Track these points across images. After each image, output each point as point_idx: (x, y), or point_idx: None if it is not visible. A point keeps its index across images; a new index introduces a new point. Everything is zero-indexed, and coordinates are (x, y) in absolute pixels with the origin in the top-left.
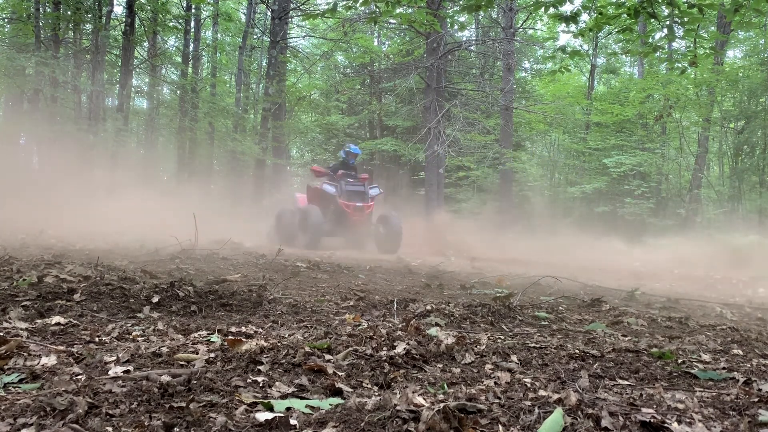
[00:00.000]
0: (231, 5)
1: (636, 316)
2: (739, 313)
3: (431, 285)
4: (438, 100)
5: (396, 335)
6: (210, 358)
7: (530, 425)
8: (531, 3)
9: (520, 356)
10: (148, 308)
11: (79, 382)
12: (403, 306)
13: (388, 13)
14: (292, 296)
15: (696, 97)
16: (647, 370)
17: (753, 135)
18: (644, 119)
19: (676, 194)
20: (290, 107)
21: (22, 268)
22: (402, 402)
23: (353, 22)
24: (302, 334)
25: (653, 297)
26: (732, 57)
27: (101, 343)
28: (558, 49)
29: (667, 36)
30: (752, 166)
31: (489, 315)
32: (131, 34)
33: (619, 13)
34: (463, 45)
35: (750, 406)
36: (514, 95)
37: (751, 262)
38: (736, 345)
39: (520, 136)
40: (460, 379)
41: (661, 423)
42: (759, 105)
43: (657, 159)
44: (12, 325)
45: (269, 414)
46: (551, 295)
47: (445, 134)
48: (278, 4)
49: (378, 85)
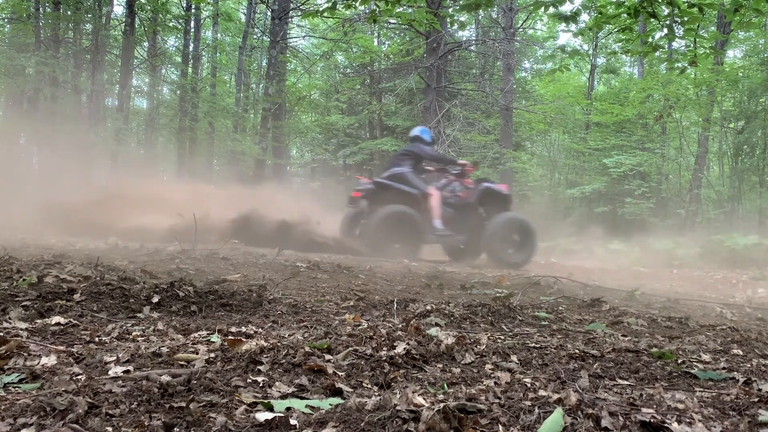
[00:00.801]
0: (231, 5)
1: (636, 316)
2: (739, 313)
3: (431, 285)
4: (438, 100)
5: (396, 335)
6: (210, 358)
7: (530, 425)
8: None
9: (520, 356)
10: (148, 308)
11: (79, 382)
12: (403, 306)
13: (388, 13)
14: (292, 296)
15: (696, 97)
16: (647, 370)
17: (753, 135)
18: (644, 119)
19: (676, 194)
20: (290, 107)
21: (22, 268)
22: (402, 402)
23: (353, 21)
24: (302, 334)
25: (653, 297)
26: (732, 57)
27: (101, 343)
28: (558, 48)
29: (667, 36)
30: (752, 166)
31: (489, 315)
32: (131, 34)
33: (618, 13)
34: (463, 45)
35: (750, 406)
36: (514, 95)
37: (751, 262)
38: (736, 345)
39: (520, 136)
40: (460, 379)
41: (661, 423)
42: (759, 105)
43: (657, 159)
44: (12, 325)
45: (269, 414)
46: (551, 295)
47: (445, 134)
48: (278, 4)
49: (378, 85)
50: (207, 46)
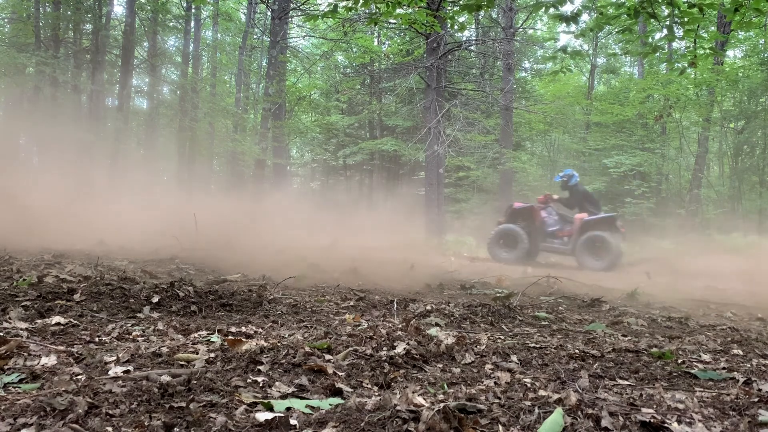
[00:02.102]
0: (231, 5)
1: (636, 316)
2: (739, 313)
3: (431, 285)
4: (438, 100)
5: (396, 335)
6: (210, 358)
7: (530, 425)
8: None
9: (520, 356)
10: (148, 308)
11: (79, 382)
12: (403, 306)
13: (389, 14)
14: (292, 296)
15: (696, 97)
16: (647, 370)
17: (753, 135)
18: (644, 119)
19: (676, 194)
20: (290, 107)
21: (22, 268)
22: (402, 402)
23: (353, 22)
24: (302, 334)
25: (653, 297)
26: (732, 57)
27: (101, 343)
28: (559, 49)
29: (667, 36)
30: (752, 166)
31: (489, 315)
32: (131, 34)
33: (619, 14)
34: (463, 45)
35: (750, 406)
36: (514, 95)
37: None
38: (736, 345)
39: (520, 136)
40: (460, 379)
41: (661, 423)
42: (759, 105)
43: (657, 159)
44: (12, 325)
45: (269, 414)
46: (551, 295)
47: (445, 134)
48: (278, 4)
49: (378, 85)
50: (207, 46)
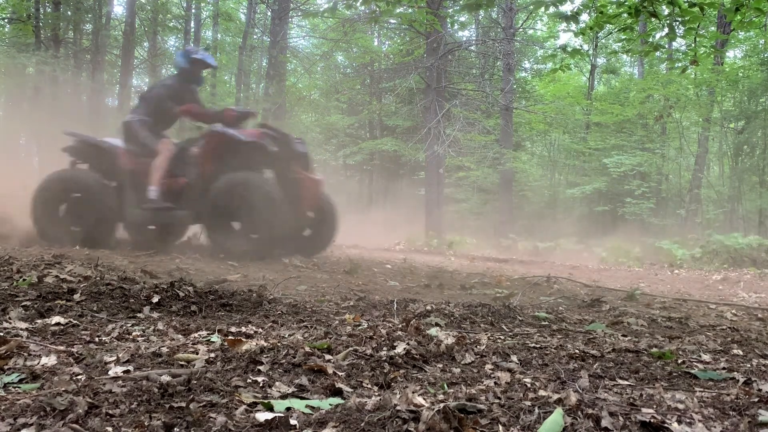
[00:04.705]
0: (231, 5)
1: (636, 316)
2: (739, 313)
3: (431, 285)
4: (438, 100)
5: (396, 335)
6: (210, 358)
7: (530, 425)
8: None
9: (520, 356)
10: (148, 308)
11: (79, 382)
12: (403, 306)
13: (389, 13)
14: (292, 296)
15: (696, 97)
16: (647, 370)
17: (753, 135)
18: (644, 119)
19: (676, 194)
20: (290, 107)
21: (22, 268)
22: (402, 402)
23: (353, 22)
24: (302, 334)
25: (653, 297)
26: (732, 57)
27: (101, 343)
28: (559, 48)
29: (668, 35)
30: (752, 166)
31: (489, 315)
32: (131, 34)
33: (619, 12)
34: (463, 45)
35: (750, 406)
36: (514, 95)
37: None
38: (736, 345)
39: (520, 136)
40: (460, 379)
41: (661, 423)
42: (759, 105)
43: (657, 159)
44: (12, 325)
45: (269, 414)
46: (551, 295)
47: (445, 134)
48: (278, 4)
49: (378, 85)
50: (207, 46)
